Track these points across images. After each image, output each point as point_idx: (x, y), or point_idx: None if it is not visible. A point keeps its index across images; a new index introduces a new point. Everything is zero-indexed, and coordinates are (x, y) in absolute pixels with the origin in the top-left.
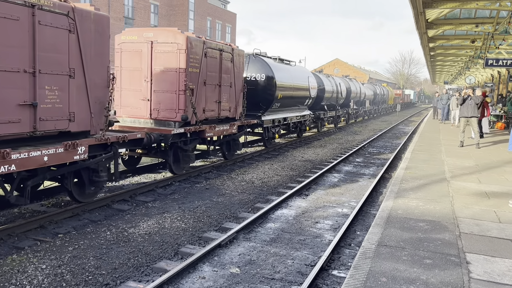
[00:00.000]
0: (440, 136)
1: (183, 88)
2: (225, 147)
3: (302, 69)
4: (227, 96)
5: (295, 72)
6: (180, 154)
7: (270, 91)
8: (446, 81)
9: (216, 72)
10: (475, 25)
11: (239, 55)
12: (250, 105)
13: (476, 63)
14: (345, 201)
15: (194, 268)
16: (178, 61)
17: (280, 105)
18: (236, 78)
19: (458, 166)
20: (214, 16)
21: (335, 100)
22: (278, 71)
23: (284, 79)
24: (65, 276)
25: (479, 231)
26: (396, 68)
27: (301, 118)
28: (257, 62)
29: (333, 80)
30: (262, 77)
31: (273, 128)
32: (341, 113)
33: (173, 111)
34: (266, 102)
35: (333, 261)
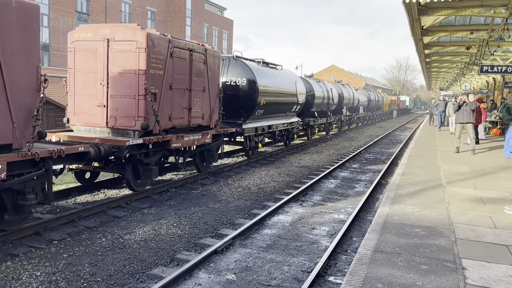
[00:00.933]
0: (436, 142)
1: (143, 93)
2: (198, 159)
3: (289, 73)
4: (200, 102)
5: (281, 76)
6: (140, 168)
7: (252, 97)
8: (441, 87)
9: (186, 74)
10: (470, 32)
11: (214, 56)
12: (231, 112)
13: (471, 69)
14: (342, 207)
15: (190, 274)
16: (138, 62)
17: (264, 112)
18: (211, 82)
19: (454, 172)
20: (211, 23)
21: (326, 106)
22: (261, 75)
23: (268, 84)
24: (60, 283)
25: (474, 236)
26: (392, 75)
27: (288, 125)
28: (238, 65)
29: (324, 85)
30: (243, 81)
31: (256, 137)
32: (333, 119)
33: (132, 118)
34: (247, 108)
35: (329, 267)
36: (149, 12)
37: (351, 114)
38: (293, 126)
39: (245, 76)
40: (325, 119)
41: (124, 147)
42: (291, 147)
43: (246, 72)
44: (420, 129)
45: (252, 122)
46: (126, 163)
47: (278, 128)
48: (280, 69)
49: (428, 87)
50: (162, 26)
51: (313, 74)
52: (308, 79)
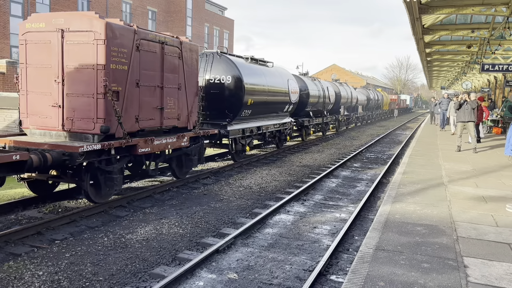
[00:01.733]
0: (438, 141)
1: (102, 91)
2: (175, 164)
3: (281, 71)
4: (174, 101)
5: (271, 74)
6: (101, 177)
7: (238, 96)
8: (443, 86)
9: (156, 70)
10: (471, 31)
11: (191, 50)
12: (215, 112)
13: (473, 68)
14: (343, 206)
15: (192, 273)
16: (96, 55)
17: (252, 112)
18: (188, 78)
19: (456, 170)
20: (212, 23)
21: (322, 106)
22: (248, 72)
23: (256, 82)
24: (62, 282)
25: (476, 235)
26: (393, 74)
27: (280, 126)
28: (223, 62)
29: (319, 83)
30: (228, 79)
31: (243, 139)
32: (329, 119)
33: (90, 120)
34: (233, 108)
35: (331, 266)
36: (150, 12)
37: (349, 113)
38: (285, 127)
39: (230, 73)
40: (321, 119)
41: (77, 154)
42: (282, 149)
43: (231, 69)
44: (421, 128)
45: (238, 123)
46: (84, 171)
47: (268, 129)
48: (271, 67)
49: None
50: (163, 26)
51: (308, 72)
52: (302, 77)
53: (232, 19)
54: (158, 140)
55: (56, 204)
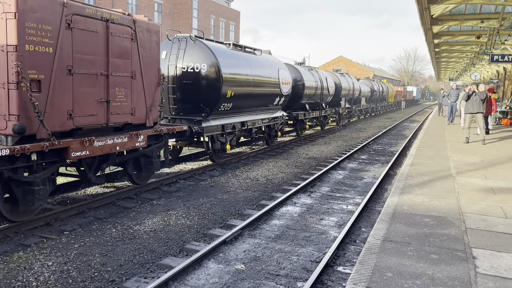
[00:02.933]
0: (446, 133)
1: (14, 79)
2: (131, 168)
3: (270, 59)
4: (126, 93)
5: (258, 63)
6: (17, 190)
7: (215, 87)
8: (451, 77)
9: (98, 54)
10: (480, 21)
11: (150, 31)
12: (190, 106)
13: (482, 59)
14: (350, 198)
15: (200, 264)
16: (5, 33)
17: (234, 105)
18: (146, 65)
19: (464, 162)
20: (217, 14)
21: (319, 98)
22: (227, 60)
23: (237, 71)
24: (71, 272)
25: (485, 226)
26: (401, 65)
27: (270, 121)
28: (197, 47)
29: (317, 73)
30: (203, 67)
31: (223, 137)
32: (329, 112)
33: (1, 118)
34: (209, 102)
35: (338, 257)
36: (156, 4)
37: (351, 106)
38: (276, 122)
39: (205, 61)
40: (319, 112)
41: None
42: (274, 146)
43: (207, 56)
44: (429, 120)
45: (217, 118)
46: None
47: (255, 125)
48: (259, 54)
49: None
50: (169, 18)
51: (305, 61)
52: (296, 67)
53: (238, 11)
54: (101, 141)
55: (65, 195)
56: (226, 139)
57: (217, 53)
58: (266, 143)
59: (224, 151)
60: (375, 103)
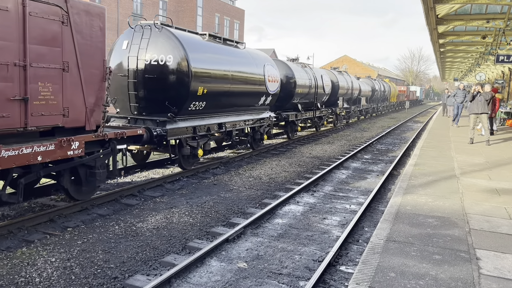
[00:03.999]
0: (450, 133)
1: None
2: (66, 181)
3: (254, 53)
4: (55, 89)
5: (238, 57)
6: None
7: (182, 83)
8: (456, 77)
9: (11, 40)
10: (486, 21)
11: (90, 14)
12: (154, 105)
13: (487, 59)
14: (353, 197)
15: (202, 262)
16: None
17: (207, 105)
18: (84, 56)
19: (468, 163)
20: (222, 13)
21: (313, 97)
22: (199, 52)
23: (211, 66)
24: (74, 269)
25: (489, 227)
26: (405, 65)
27: (255, 123)
28: (163, 37)
29: (311, 71)
30: (169, 60)
31: (194, 141)
32: (324, 113)
33: None
34: (176, 100)
35: (340, 257)
36: (161, 2)
37: (349, 106)
38: (262, 124)
39: (172, 52)
40: (312, 113)
41: None
42: (260, 151)
43: (174, 47)
44: (433, 120)
45: (187, 119)
46: None
47: (236, 127)
48: (242, 48)
49: (442, 78)
50: (174, 16)
51: (298, 58)
52: (287, 63)
53: (243, 9)
54: (12, 150)
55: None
56: (198, 143)
57: (187, 43)
58: (250, 147)
59: (195, 157)
60: (376, 103)
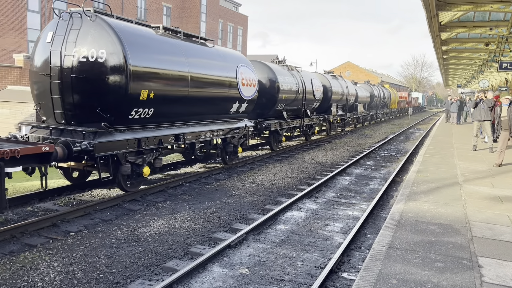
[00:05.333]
0: (453, 140)
1: None
2: None
3: (226, 53)
4: None
5: (203, 55)
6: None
7: (118, 85)
8: (459, 84)
9: None
10: (489, 28)
11: None
12: (82, 111)
13: (490, 66)
14: (356, 204)
15: (204, 268)
16: None
17: (156, 112)
18: None
19: (471, 170)
20: (225, 19)
21: (301, 103)
22: (143, 47)
23: (160, 64)
24: (76, 274)
25: (492, 235)
26: (408, 72)
27: (227, 133)
28: (95, 27)
29: (298, 74)
30: (100, 56)
31: (138, 157)
32: (315, 121)
33: None
34: (111, 106)
35: (343, 263)
36: (165, 8)
37: (344, 113)
38: (236, 134)
39: (105, 47)
40: (300, 121)
41: None
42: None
43: (108, 39)
44: (436, 127)
45: (128, 130)
46: None
47: (200, 138)
48: (211, 46)
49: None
50: (177, 22)
51: (285, 60)
52: (270, 65)
53: (246, 15)
54: None
55: (71, 197)
56: (145, 159)
57: (126, 36)
58: (222, 161)
59: (139, 176)
60: (376, 109)
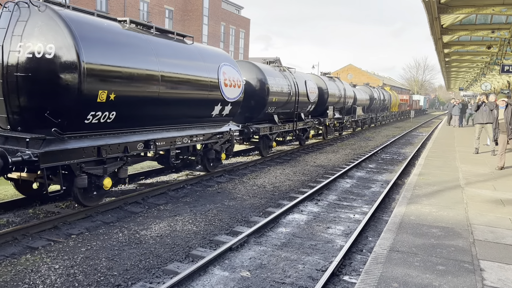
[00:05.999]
0: (455, 143)
1: None
2: None
3: (205, 50)
4: None
5: (178, 53)
6: None
7: (69, 85)
8: (461, 87)
9: None
10: (491, 31)
11: None
12: (28, 115)
13: (492, 69)
14: (357, 206)
15: (205, 271)
16: None
17: (119, 115)
18: None
19: (473, 173)
20: (228, 22)
21: (294, 106)
22: (101, 42)
23: (124, 61)
24: (77, 276)
25: (493, 238)
26: (410, 74)
27: (209, 138)
28: (43, 19)
29: (291, 75)
30: (49, 51)
31: (98, 167)
32: (310, 124)
33: None
34: (62, 109)
35: (344, 266)
36: (167, 11)
37: (342, 116)
38: (219, 139)
39: (54, 41)
40: (293, 125)
41: None
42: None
43: (58, 33)
44: (438, 130)
45: (85, 136)
46: None
47: (175, 144)
48: (190, 43)
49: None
50: (179, 25)
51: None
52: (258, 64)
53: (248, 18)
54: None
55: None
56: (106, 169)
57: (79, 28)
58: (204, 169)
59: (99, 189)
60: (375, 112)
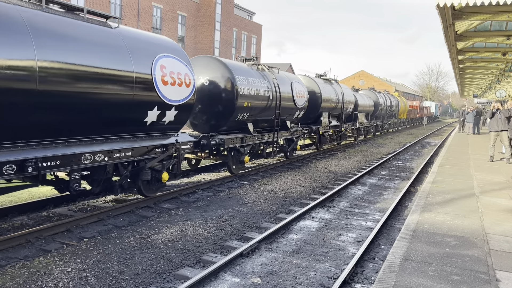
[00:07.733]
0: (469, 150)
1: None
2: None
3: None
4: None
5: (88, 39)
6: None
7: None
8: (475, 94)
9: None
10: (506, 38)
11: None
12: None
13: (507, 76)
14: (369, 214)
15: (216, 276)
16: None
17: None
18: None
19: (488, 181)
20: (240, 27)
21: (273, 112)
22: None
23: None
24: (89, 279)
25: (510, 248)
26: (423, 81)
27: (144, 154)
28: None
29: (271, 75)
30: None
31: None
32: (298, 134)
33: None
34: None
35: (356, 274)
36: (180, 17)
37: (339, 124)
38: (158, 155)
39: None
40: (273, 135)
41: None
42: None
43: None
44: (451, 137)
45: None
46: None
47: (83, 162)
48: (115, 27)
49: (461, 94)
50: (192, 31)
51: (256, 58)
52: (226, 61)
53: (260, 24)
54: None
55: (85, 202)
56: None
57: None
58: (139, 193)
59: None
60: (381, 119)
